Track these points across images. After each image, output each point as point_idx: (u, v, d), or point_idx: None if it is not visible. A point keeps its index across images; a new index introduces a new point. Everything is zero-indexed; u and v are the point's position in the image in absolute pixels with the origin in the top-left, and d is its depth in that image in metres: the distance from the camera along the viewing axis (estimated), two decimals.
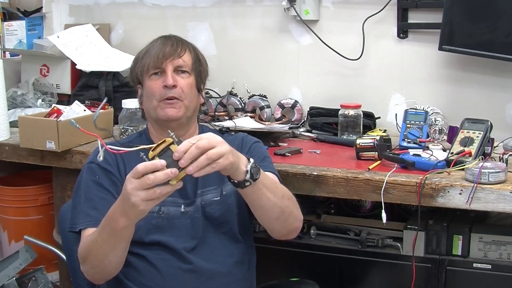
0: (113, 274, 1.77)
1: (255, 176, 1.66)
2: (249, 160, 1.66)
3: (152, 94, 1.88)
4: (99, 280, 1.80)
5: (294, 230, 1.85)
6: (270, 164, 1.95)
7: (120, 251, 1.70)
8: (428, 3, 2.61)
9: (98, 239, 1.68)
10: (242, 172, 1.64)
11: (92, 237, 1.71)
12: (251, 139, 2.01)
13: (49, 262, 2.84)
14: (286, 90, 2.91)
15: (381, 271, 2.27)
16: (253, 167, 1.65)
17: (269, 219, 1.79)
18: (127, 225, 1.61)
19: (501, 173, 1.94)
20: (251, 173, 1.65)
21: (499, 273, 2.11)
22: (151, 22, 3.13)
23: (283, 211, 1.77)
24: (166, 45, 1.90)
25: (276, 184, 1.77)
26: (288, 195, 1.80)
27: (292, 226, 1.83)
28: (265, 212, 1.76)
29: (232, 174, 1.65)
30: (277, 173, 1.94)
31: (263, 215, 1.78)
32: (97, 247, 1.69)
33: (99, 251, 1.68)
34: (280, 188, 1.78)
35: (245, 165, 1.65)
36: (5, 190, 2.99)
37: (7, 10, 3.27)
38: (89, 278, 1.79)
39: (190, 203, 1.86)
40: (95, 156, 1.90)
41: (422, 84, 2.68)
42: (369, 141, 2.24)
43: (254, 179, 1.66)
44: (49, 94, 3.01)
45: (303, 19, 2.79)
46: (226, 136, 1.99)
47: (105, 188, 1.82)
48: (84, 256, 1.74)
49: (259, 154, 1.94)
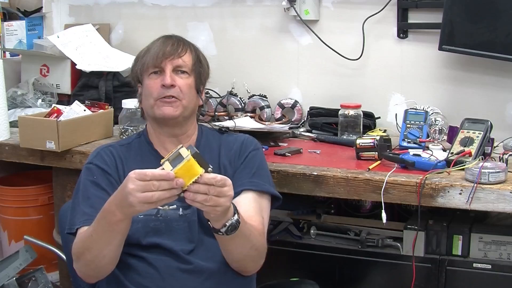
0: (107, 272, 1.76)
1: (230, 233, 1.65)
2: (234, 215, 1.64)
3: (150, 93, 1.87)
4: (92, 278, 1.79)
5: (249, 272, 1.86)
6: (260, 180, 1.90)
7: (115, 246, 1.69)
8: (428, 3, 2.61)
9: (94, 234, 1.67)
10: (220, 224, 1.64)
11: (87, 232, 1.71)
12: (250, 144, 1.98)
13: (49, 262, 2.84)
14: (286, 90, 2.91)
15: (381, 271, 2.27)
16: (233, 224, 1.63)
17: (230, 259, 1.80)
18: (122, 219, 1.61)
19: (501, 173, 1.94)
20: (228, 229, 1.64)
21: (499, 273, 2.11)
22: (151, 22, 3.13)
23: (245, 258, 1.79)
24: (166, 45, 1.89)
25: (249, 234, 1.73)
26: (257, 245, 1.77)
27: (248, 270, 1.85)
28: (227, 254, 1.79)
29: (211, 219, 1.64)
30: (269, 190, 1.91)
31: (225, 254, 1.79)
32: (92, 242, 1.68)
33: (95, 246, 1.68)
34: (251, 238, 1.74)
35: (226, 219, 1.63)
36: (5, 190, 2.99)
37: (7, 10, 3.27)
38: (82, 275, 1.79)
39: (187, 206, 1.85)
40: (93, 157, 1.90)
41: (422, 84, 2.68)
42: (369, 141, 2.24)
43: (227, 234, 1.65)
44: (49, 94, 3.01)
45: (303, 19, 2.79)
46: (226, 137, 2.00)
47: (102, 188, 1.82)
48: (78, 252, 1.73)
49: (252, 166, 1.92)
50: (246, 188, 1.86)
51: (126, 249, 1.81)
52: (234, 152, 1.94)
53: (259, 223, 1.82)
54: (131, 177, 1.52)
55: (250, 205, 1.84)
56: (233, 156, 1.93)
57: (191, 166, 1.50)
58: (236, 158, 1.93)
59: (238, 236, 1.68)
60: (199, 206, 1.55)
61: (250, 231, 1.74)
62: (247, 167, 1.91)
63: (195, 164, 1.51)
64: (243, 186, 1.85)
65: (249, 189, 1.86)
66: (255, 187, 1.88)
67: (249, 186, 1.87)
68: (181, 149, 1.53)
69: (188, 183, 1.51)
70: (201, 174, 1.51)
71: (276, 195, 1.94)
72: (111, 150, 1.91)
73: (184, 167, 1.50)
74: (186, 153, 1.51)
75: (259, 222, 1.83)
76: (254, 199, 1.86)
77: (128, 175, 1.54)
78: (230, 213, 1.63)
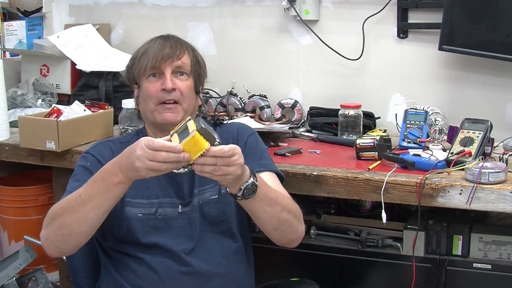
0: (77, 243, 1.70)
1: (248, 196, 1.66)
2: (249, 178, 1.64)
3: (150, 97, 1.87)
4: (57, 250, 1.74)
5: (293, 241, 1.85)
6: (267, 161, 1.94)
7: (102, 212, 1.65)
8: (428, 3, 2.61)
9: (83, 194, 1.64)
10: (236, 189, 1.65)
11: (75, 194, 1.67)
12: (245, 130, 2.00)
13: (49, 262, 2.83)
14: (286, 90, 2.91)
15: (381, 271, 2.27)
16: (248, 186, 1.64)
17: (266, 229, 1.80)
18: (123, 182, 1.60)
19: (501, 173, 1.94)
20: (244, 193, 1.65)
21: (499, 273, 2.11)
22: (151, 22, 3.13)
23: (281, 224, 1.77)
24: (165, 46, 1.88)
25: (276, 197, 1.75)
26: (289, 207, 1.78)
27: (291, 238, 1.84)
28: (262, 222, 1.78)
29: (226, 185, 1.65)
30: (276, 170, 1.94)
31: (260, 224, 1.80)
32: (79, 203, 1.64)
33: (80, 208, 1.63)
34: (280, 201, 1.76)
35: (242, 183, 1.64)
36: (5, 190, 2.99)
37: (7, 10, 3.27)
38: (47, 244, 1.73)
39: (187, 203, 1.85)
40: (92, 148, 1.91)
41: (422, 84, 2.68)
42: (369, 141, 2.24)
43: (246, 198, 1.66)
44: (49, 94, 3.01)
45: (303, 19, 2.79)
46: (220, 128, 2.00)
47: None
48: (55, 213, 1.69)
49: (256, 150, 1.94)
50: (257, 170, 1.85)
51: (124, 249, 1.81)
52: (231, 141, 1.93)
53: (285, 192, 1.85)
54: (141, 144, 1.53)
55: (269, 182, 1.83)
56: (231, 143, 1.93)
57: (197, 140, 1.52)
58: None
59: (263, 200, 1.69)
60: (209, 176, 1.57)
61: (276, 194, 1.75)
62: (250, 152, 1.91)
63: (201, 139, 1.52)
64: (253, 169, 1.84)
65: (261, 171, 1.87)
66: (265, 168, 1.89)
67: (259, 168, 1.87)
68: (189, 122, 1.55)
69: (194, 157, 1.53)
70: (207, 149, 1.53)
71: (281, 174, 1.96)
72: (110, 145, 1.92)
73: (190, 142, 1.52)
74: (192, 128, 1.53)
75: (284, 191, 1.86)
76: (269, 177, 1.87)
77: (139, 141, 1.54)
78: (246, 177, 1.63)
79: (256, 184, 1.66)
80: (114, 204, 1.67)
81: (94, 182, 1.64)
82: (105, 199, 1.63)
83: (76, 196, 1.66)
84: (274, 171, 1.93)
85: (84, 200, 1.64)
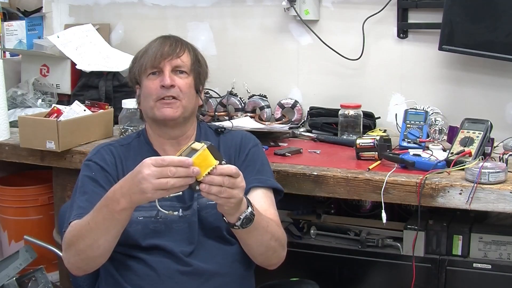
0: (97, 264, 1.75)
1: (245, 226, 1.66)
2: (247, 207, 1.65)
3: (149, 94, 1.87)
4: (80, 270, 1.77)
5: (275, 265, 1.87)
6: (265, 176, 1.93)
7: (112, 237, 1.67)
8: (428, 3, 2.61)
9: (91, 222, 1.65)
10: (234, 218, 1.65)
11: (84, 220, 1.68)
12: (249, 140, 1.99)
13: (49, 262, 2.84)
14: (286, 90, 2.91)
15: (381, 271, 2.27)
16: (247, 216, 1.65)
17: (252, 253, 1.82)
18: (126, 208, 1.60)
19: (501, 173, 1.94)
20: (242, 222, 1.65)
21: (499, 273, 2.11)
22: (151, 22, 3.13)
23: (267, 250, 1.80)
24: (164, 45, 1.88)
25: (267, 225, 1.76)
26: (277, 235, 1.80)
27: (273, 262, 1.86)
28: (249, 248, 1.80)
29: (225, 213, 1.65)
30: (274, 185, 1.93)
31: (247, 249, 1.81)
32: (88, 230, 1.66)
33: (90, 235, 1.65)
34: (270, 229, 1.77)
35: (240, 212, 1.64)
36: (5, 190, 2.99)
37: (7, 10, 3.27)
38: (70, 266, 1.76)
39: (187, 207, 1.85)
40: (93, 154, 1.90)
41: (422, 84, 2.68)
42: (369, 141, 2.24)
43: (243, 227, 1.67)
44: (49, 94, 3.01)
45: (303, 19, 2.79)
46: (223, 136, 1.99)
47: (100, 185, 1.81)
48: (70, 240, 1.71)
49: (256, 163, 1.93)
50: (254, 185, 1.87)
51: (125, 250, 1.81)
52: (234, 150, 1.94)
53: (274, 215, 1.85)
54: (147, 163, 1.52)
55: (262, 200, 1.85)
56: (233, 154, 1.93)
57: (207, 156, 1.52)
58: (236, 156, 1.93)
59: (256, 229, 1.70)
60: (214, 198, 1.56)
61: (267, 222, 1.76)
62: (250, 164, 1.91)
63: (210, 155, 1.53)
64: (250, 184, 1.85)
65: (257, 186, 1.88)
66: (262, 183, 1.89)
67: (256, 183, 1.88)
68: (193, 144, 1.55)
69: (204, 173, 1.52)
70: (216, 166, 1.53)
71: (280, 188, 1.95)
72: (112, 149, 1.91)
73: (201, 157, 1.52)
74: (201, 145, 1.53)
75: (274, 214, 1.86)
76: (263, 194, 1.88)
77: (143, 161, 1.53)
78: (244, 206, 1.64)
79: (253, 213, 1.67)
80: (122, 229, 1.68)
81: (99, 210, 1.65)
82: (112, 225, 1.64)
83: (86, 223, 1.67)
84: (271, 187, 1.92)
85: (93, 227, 1.65)
